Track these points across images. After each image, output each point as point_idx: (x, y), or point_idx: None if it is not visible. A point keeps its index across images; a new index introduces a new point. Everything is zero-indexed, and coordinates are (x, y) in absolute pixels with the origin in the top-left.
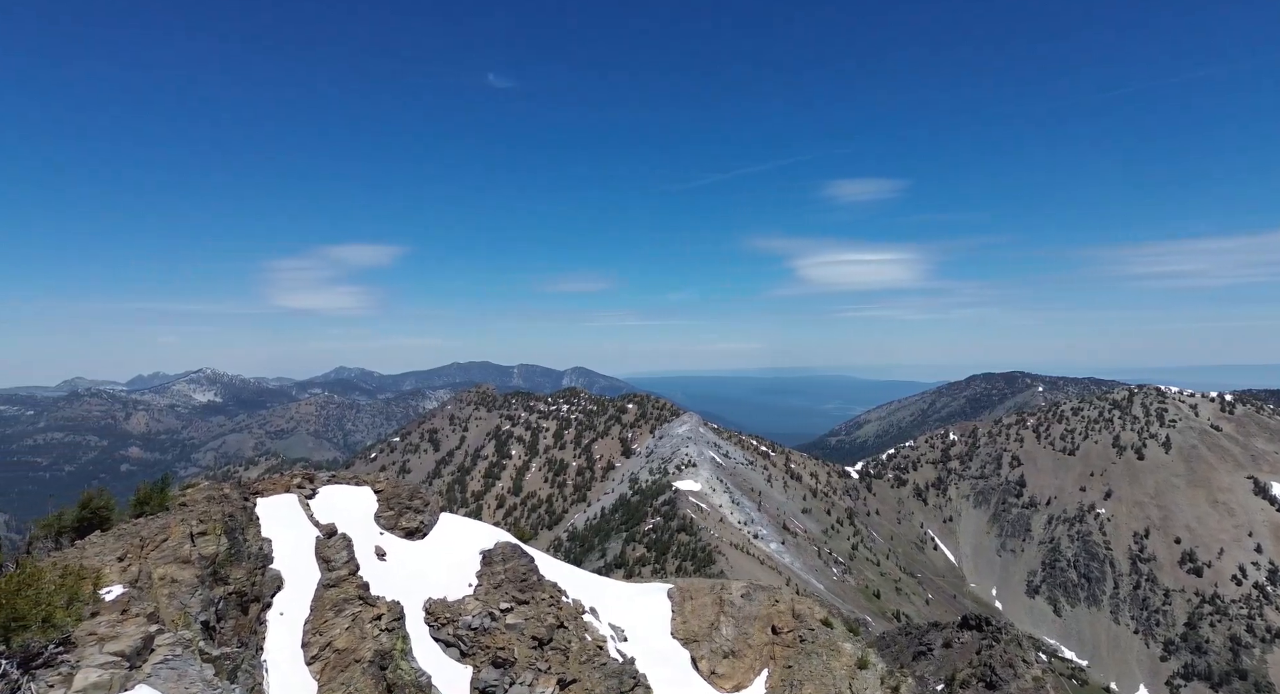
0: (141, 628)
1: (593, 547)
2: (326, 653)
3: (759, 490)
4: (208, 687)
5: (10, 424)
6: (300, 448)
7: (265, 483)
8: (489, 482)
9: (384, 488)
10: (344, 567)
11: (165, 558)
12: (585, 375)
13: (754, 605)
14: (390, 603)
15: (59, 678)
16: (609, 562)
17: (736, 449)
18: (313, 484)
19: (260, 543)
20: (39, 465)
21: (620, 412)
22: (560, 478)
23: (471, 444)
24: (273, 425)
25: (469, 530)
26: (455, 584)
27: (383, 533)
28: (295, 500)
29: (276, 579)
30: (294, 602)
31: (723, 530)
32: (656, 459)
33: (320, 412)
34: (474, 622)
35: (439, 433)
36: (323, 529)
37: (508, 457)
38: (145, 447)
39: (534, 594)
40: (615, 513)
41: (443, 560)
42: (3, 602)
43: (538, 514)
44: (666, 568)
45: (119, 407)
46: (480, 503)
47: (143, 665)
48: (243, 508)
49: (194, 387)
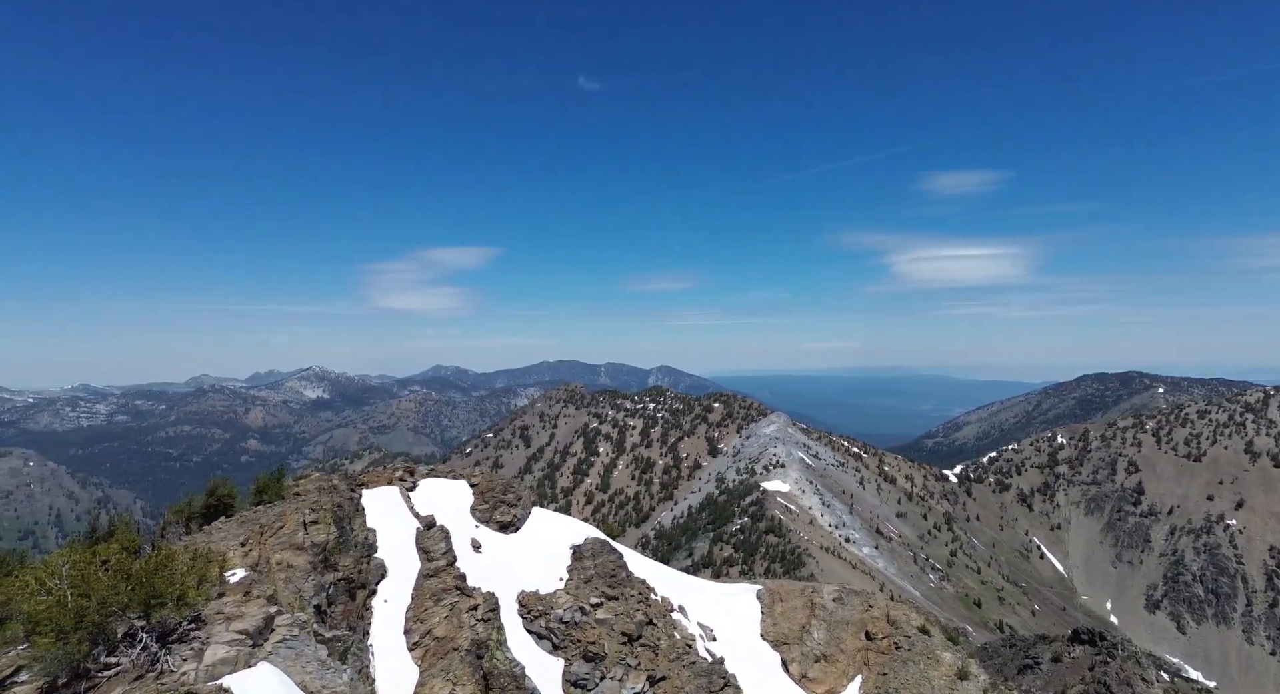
0: (262, 609)
1: (680, 545)
2: (427, 640)
3: (851, 493)
4: (322, 666)
5: (145, 418)
6: (401, 443)
7: (370, 476)
8: (577, 478)
9: (479, 482)
10: (442, 557)
11: (282, 544)
12: (671, 374)
13: (847, 610)
14: (485, 594)
15: (191, 652)
16: (696, 561)
17: (827, 450)
18: (413, 477)
19: (366, 532)
20: (171, 456)
21: (706, 411)
22: (647, 476)
23: (561, 441)
24: (375, 421)
25: (559, 525)
26: (547, 578)
27: (478, 526)
28: (397, 493)
29: (381, 567)
30: (397, 589)
31: (812, 533)
32: (743, 459)
33: (419, 408)
34: (565, 615)
35: (529, 430)
36: (422, 521)
37: (595, 454)
38: (262, 439)
39: (623, 590)
40: (702, 512)
41: (534, 554)
42: (142, 580)
43: (625, 511)
44: (755, 569)
45: (239, 402)
46: (569, 499)
47: (264, 644)
48: (350, 499)
49: (304, 384)
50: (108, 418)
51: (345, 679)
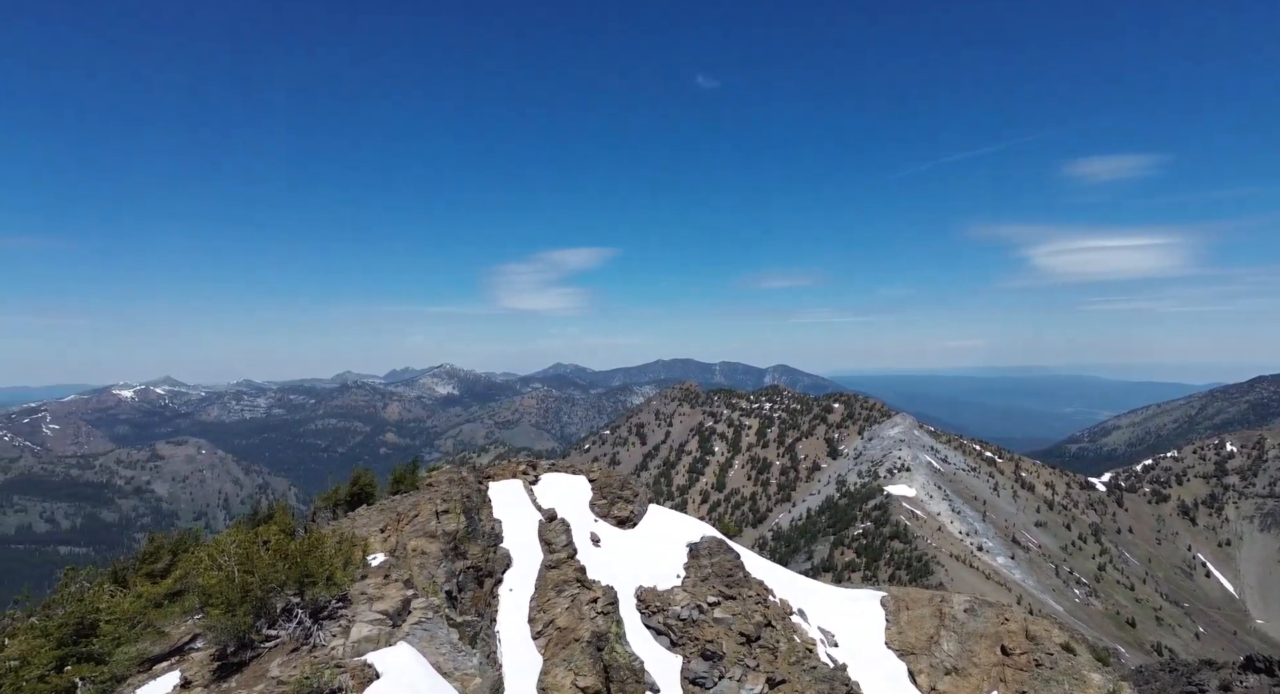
0: (400, 592)
1: (798, 548)
2: (550, 630)
3: (984, 499)
4: (454, 649)
5: (298, 411)
6: (523, 438)
7: (495, 469)
8: (693, 476)
9: (597, 477)
10: (563, 549)
11: (417, 532)
12: (788, 373)
13: (980, 622)
14: (605, 587)
15: (339, 629)
16: (816, 564)
17: (957, 454)
18: (535, 471)
19: (492, 523)
20: (319, 447)
21: (826, 411)
22: (764, 476)
23: (676, 439)
24: (500, 416)
25: (676, 523)
26: (664, 574)
27: (596, 520)
28: (521, 486)
29: (506, 557)
30: (521, 579)
31: (941, 540)
32: (865, 461)
33: (540, 405)
34: (682, 612)
35: (645, 427)
36: (544, 513)
37: (711, 453)
38: (398, 433)
39: (740, 590)
40: (822, 515)
41: (651, 550)
42: (297, 560)
43: (741, 511)
44: (878, 575)
45: (378, 398)
46: (685, 497)
47: (402, 625)
48: (477, 490)
49: (436, 381)
50: (266, 411)
51: (475, 663)
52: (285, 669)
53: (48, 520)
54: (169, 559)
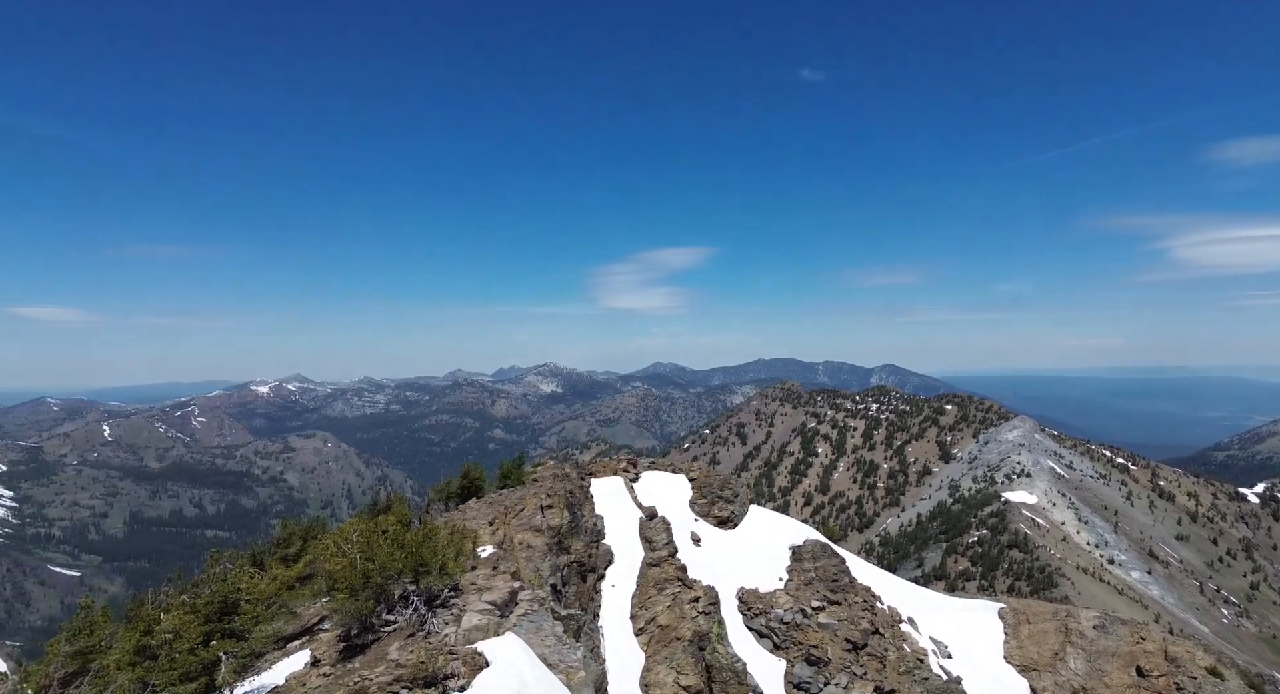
0: (508, 584)
1: (908, 554)
2: (651, 627)
3: (1115, 509)
4: (559, 642)
5: (413, 407)
6: (624, 435)
7: (597, 466)
8: (795, 478)
9: (697, 477)
10: (664, 548)
11: (522, 525)
12: (896, 373)
13: (1111, 640)
14: (706, 587)
15: (452, 617)
16: (927, 572)
17: (1084, 460)
18: (635, 469)
19: (594, 519)
20: (432, 441)
21: (937, 413)
22: (870, 480)
23: (777, 440)
24: (601, 414)
25: (778, 524)
26: (765, 576)
27: (697, 519)
28: (622, 483)
29: (608, 553)
30: (622, 575)
31: (1066, 551)
32: (981, 466)
33: (640, 403)
34: (785, 616)
35: (746, 427)
36: (645, 511)
37: (814, 454)
38: (505, 429)
39: (846, 596)
40: (933, 521)
41: (753, 551)
42: (413, 550)
43: (846, 515)
44: (995, 586)
45: (486, 395)
46: (787, 499)
47: (510, 616)
48: (580, 487)
49: (540, 378)
50: (385, 407)
51: (579, 656)
52: (403, 653)
53: (196, 506)
54: (300, 545)
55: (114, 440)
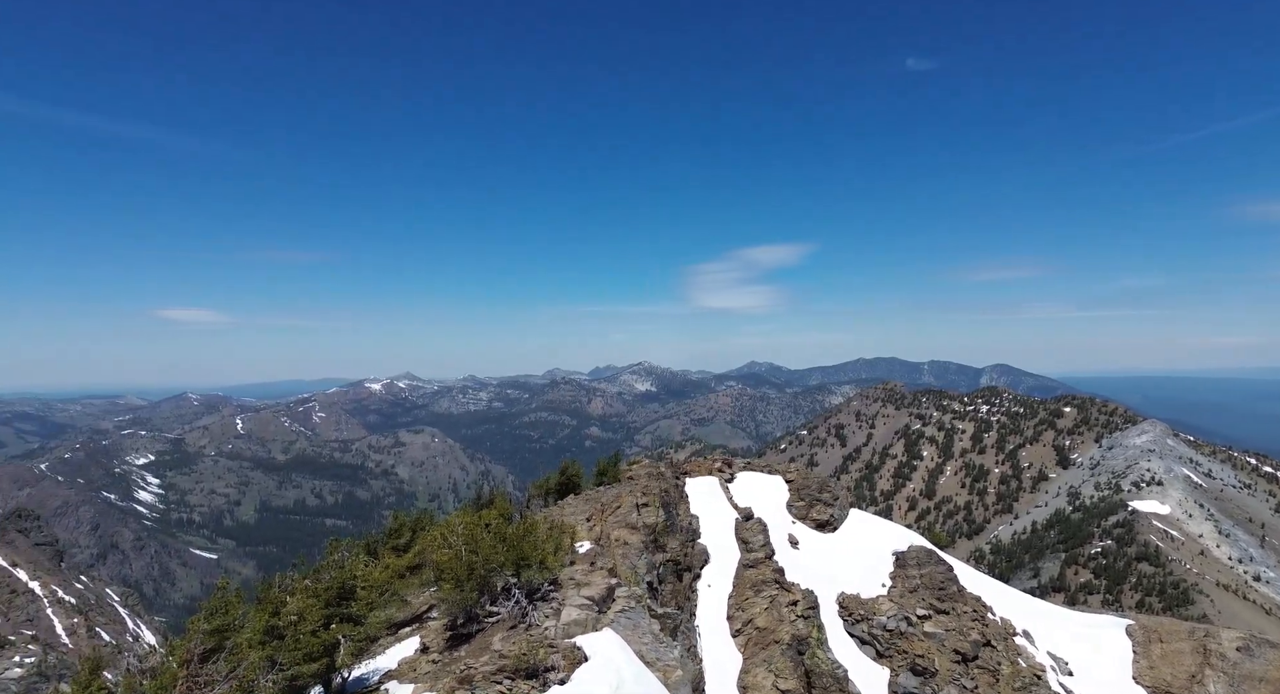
0: (605, 580)
1: (1022, 564)
2: (749, 629)
3: (1262, 521)
4: (655, 640)
5: (514, 405)
6: (718, 435)
7: (691, 465)
8: (898, 482)
9: (794, 478)
10: (760, 549)
11: (619, 522)
12: (1008, 373)
13: (1259, 663)
14: (805, 591)
15: (551, 610)
16: (1043, 583)
17: (1224, 468)
18: (731, 469)
19: (690, 518)
20: (531, 438)
21: (1054, 415)
22: (980, 485)
23: (879, 442)
24: (695, 414)
25: (880, 529)
26: (867, 582)
27: (794, 522)
28: (717, 483)
29: (704, 553)
30: (719, 576)
31: (1204, 565)
32: (1104, 472)
33: (735, 403)
34: (889, 623)
35: (845, 428)
36: (741, 512)
37: (918, 457)
38: (601, 427)
39: (954, 605)
40: (1050, 530)
41: (853, 556)
42: (514, 543)
43: (954, 521)
44: (1122, 601)
45: (583, 393)
46: (890, 503)
47: (607, 611)
48: (675, 486)
49: (635, 377)
50: (487, 404)
51: (676, 655)
52: (506, 644)
53: (316, 496)
54: (409, 536)
55: (245, 433)
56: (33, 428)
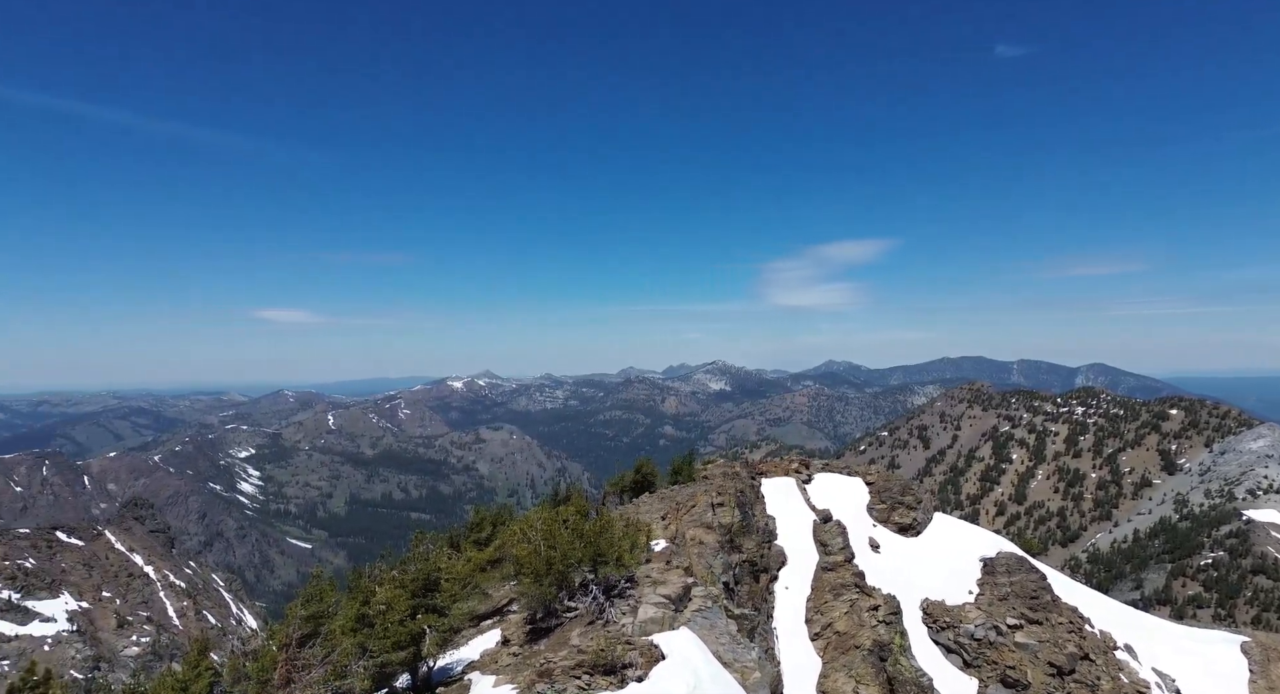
0: (681, 579)
1: (1123, 574)
2: (828, 633)
3: None
4: (732, 640)
5: (589, 403)
6: (795, 436)
7: (767, 465)
8: (985, 485)
9: (875, 481)
10: (840, 553)
11: (694, 522)
12: (1107, 373)
13: None
14: (886, 596)
15: (628, 607)
16: (1146, 595)
17: None
18: (808, 470)
19: (766, 519)
20: (607, 436)
21: (1159, 418)
22: (1075, 490)
23: (964, 444)
24: (771, 414)
25: (966, 534)
26: (953, 588)
27: (875, 525)
28: (793, 484)
29: (781, 555)
30: (796, 578)
31: None
32: (1215, 479)
33: (812, 403)
34: (977, 632)
35: (928, 430)
36: (819, 514)
37: (1007, 460)
38: (675, 425)
39: (1048, 615)
40: (1154, 538)
41: (937, 561)
42: (591, 540)
43: (1046, 527)
44: (1236, 616)
45: (657, 392)
46: (976, 507)
47: (684, 610)
48: (750, 486)
49: (709, 376)
50: (563, 402)
51: (754, 656)
52: (584, 639)
53: (402, 490)
54: (490, 530)
55: (336, 429)
56: (147, 422)
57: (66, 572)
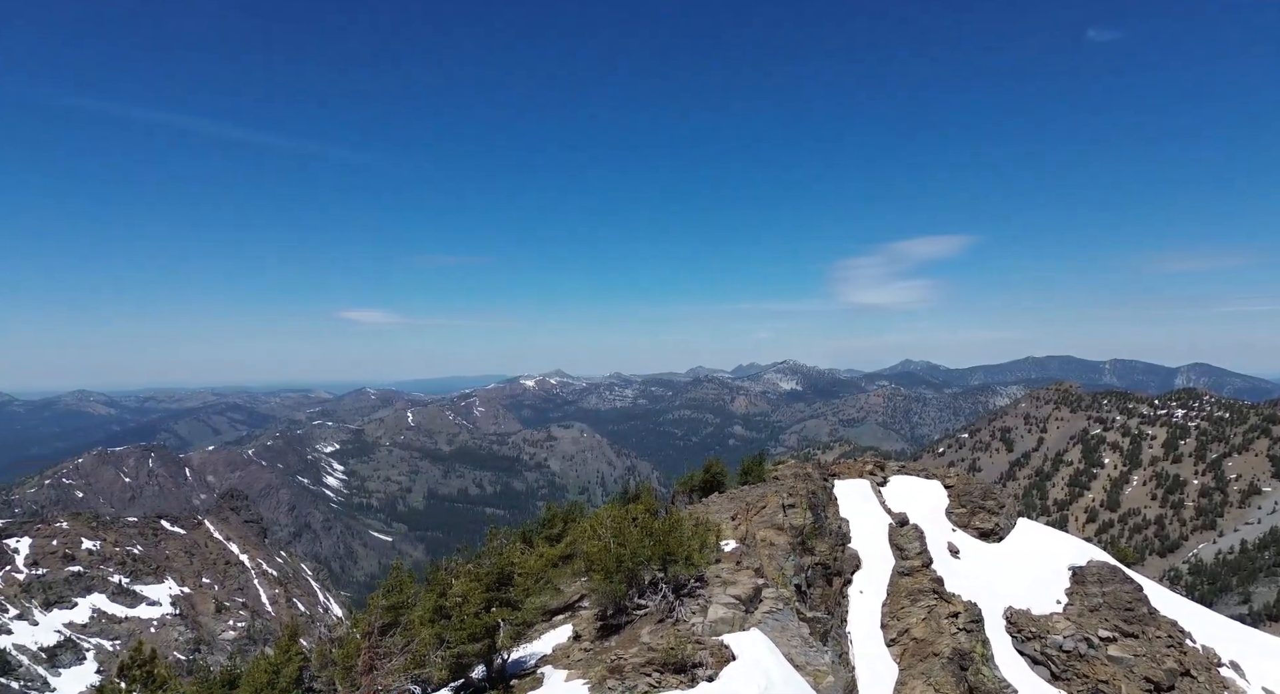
0: (752, 580)
1: (1228, 587)
2: (905, 639)
3: None
4: (804, 643)
5: (657, 402)
6: (869, 437)
7: (840, 466)
8: (1074, 491)
9: (954, 484)
10: (917, 557)
11: (764, 523)
12: (1210, 374)
13: None
14: (967, 603)
15: (698, 607)
16: (1255, 610)
17: None
18: (883, 472)
19: (839, 522)
20: (675, 435)
21: (1269, 421)
22: (1175, 497)
23: (1051, 447)
24: (844, 414)
25: (1052, 541)
26: (1039, 597)
27: (954, 530)
28: (868, 486)
29: (855, 558)
30: (871, 582)
31: None
32: None
33: (887, 403)
34: (1065, 643)
35: (1012, 432)
36: (895, 517)
37: (1099, 465)
38: (744, 425)
39: (1144, 628)
40: (1264, 550)
41: (1022, 568)
42: (660, 538)
43: (1142, 536)
44: None
45: (726, 391)
46: (1065, 513)
47: (754, 612)
48: (823, 487)
49: (779, 376)
50: (632, 401)
51: (827, 660)
52: (654, 637)
53: (477, 486)
54: (561, 526)
55: (415, 426)
56: (242, 418)
57: (170, 558)
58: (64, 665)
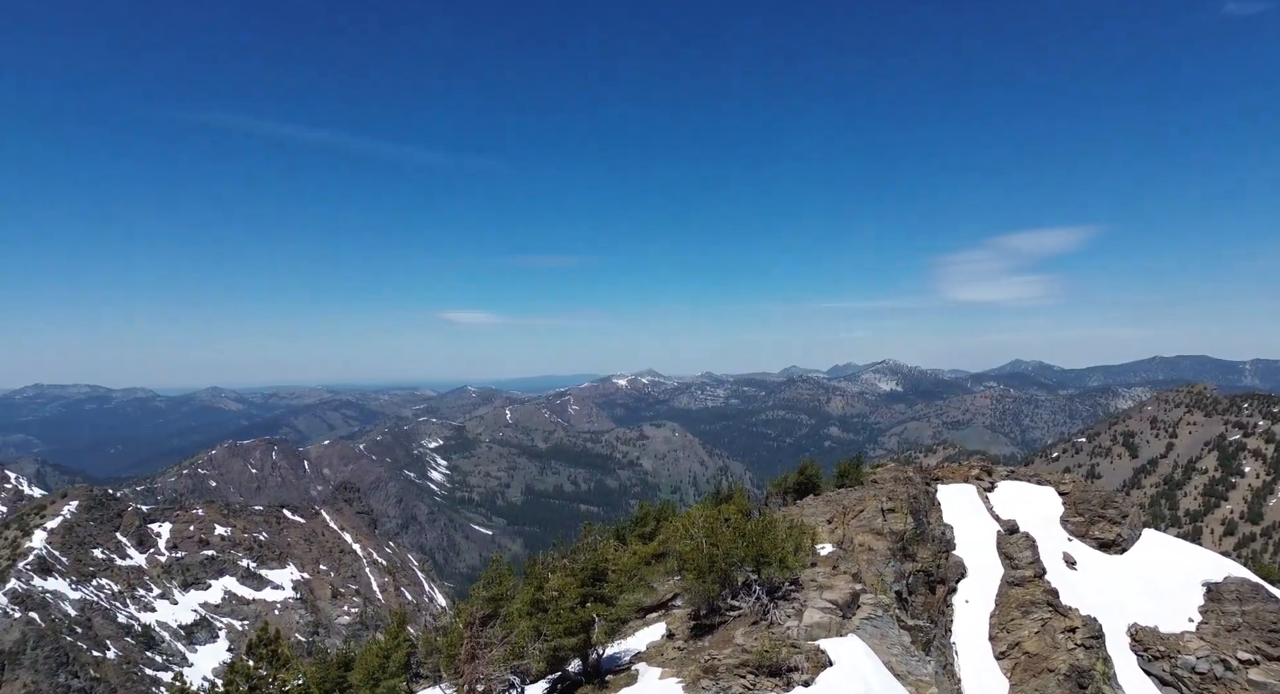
0: (849, 585)
1: None
2: (1015, 653)
3: None
4: (905, 652)
5: (750, 402)
6: (975, 440)
7: (944, 471)
8: (1209, 502)
9: (1070, 491)
10: (1028, 567)
11: (862, 527)
12: None
13: None
14: (1085, 617)
15: (793, 610)
16: None
17: None
18: (990, 477)
19: (943, 528)
20: (768, 435)
21: None
22: None
23: (1182, 454)
24: (948, 416)
25: (1184, 554)
26: (1167, 614)
27: (1070, 539)
28: (974, 491)
29: (960, 566)
30: (978, 592)
31: None
32: None
33: (995, 405)
34: (1199, 665)
35: (1136, 437)
36: (1003, 524)
37: (1238, 474)
38: (841, 427)
39: None
40: None
41: (1148, 583)
42: (753, 540)
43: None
44: None
45: (821, 392)
46: (1197, 525)
47: (852, 617)
48: (925, 492)
49: (878, 376)
50: (724, 401)
51: (930, 670)
52: (748, 639)
53: (571, 482)
54: (654, 525)
55: (513, 423)
56: (354, 414)
57: (291, 545)
58: (200, 642)
